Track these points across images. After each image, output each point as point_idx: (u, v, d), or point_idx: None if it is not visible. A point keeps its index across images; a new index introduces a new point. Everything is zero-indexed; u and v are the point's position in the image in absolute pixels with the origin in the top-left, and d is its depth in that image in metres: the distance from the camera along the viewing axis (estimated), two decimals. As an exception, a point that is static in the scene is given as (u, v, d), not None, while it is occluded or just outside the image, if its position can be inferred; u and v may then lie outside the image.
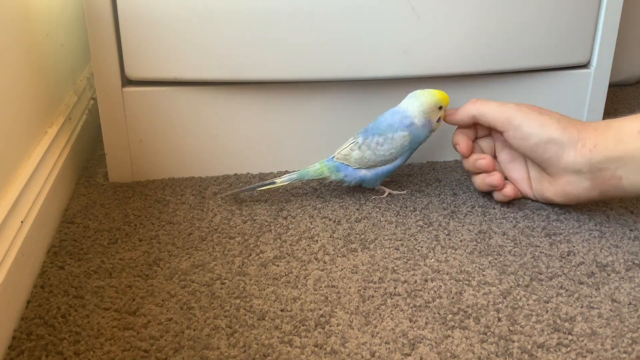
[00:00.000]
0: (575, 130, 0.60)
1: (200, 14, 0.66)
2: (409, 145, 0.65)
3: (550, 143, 0.60)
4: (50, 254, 0.58)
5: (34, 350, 0.46)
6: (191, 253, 0.58)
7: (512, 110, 0.62)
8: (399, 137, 0.64)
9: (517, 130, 0.62)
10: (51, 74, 0.71)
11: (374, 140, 0.65)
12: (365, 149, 0.65)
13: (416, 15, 0.68)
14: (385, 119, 0.65)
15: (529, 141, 0.61)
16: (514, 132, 0.62)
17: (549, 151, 0.61)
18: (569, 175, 0.61)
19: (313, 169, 0.67)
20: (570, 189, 0.62)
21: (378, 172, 0.66)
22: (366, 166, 0.65)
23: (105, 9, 0.65)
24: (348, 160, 0.66)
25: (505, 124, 0.62)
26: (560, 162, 0.60)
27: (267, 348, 0.47)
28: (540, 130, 0.61)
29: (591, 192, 0.60)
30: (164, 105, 0.70)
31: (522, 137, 0.62)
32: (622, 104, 0.97)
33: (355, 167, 0.66)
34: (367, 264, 0.57)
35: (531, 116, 0.61)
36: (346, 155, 0.66)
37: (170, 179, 0.72)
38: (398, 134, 0.64)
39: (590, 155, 0.58)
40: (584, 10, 0.73)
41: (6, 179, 0.54)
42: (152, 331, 0.48)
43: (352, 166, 0.66)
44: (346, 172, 0.66)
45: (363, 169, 0.66)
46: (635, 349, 0.47)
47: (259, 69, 0.68)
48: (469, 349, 0.47)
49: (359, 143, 0.65)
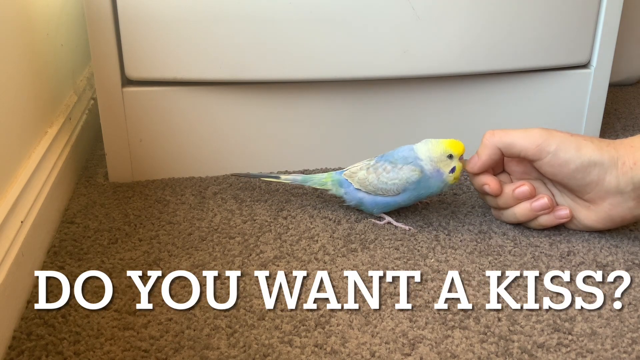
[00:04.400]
0: (612, 149, 0.57)
1: (200, 14, 0.66)
2: (414, 185, 0.61)
3: (592, 166, 0.56)
4: (50, 254, 0.58)
5: (34, 350, 0.46)
6: (191, 253, 0.58)
7: (543, 136, 0.58)
8: (407, 170, 0.61)
9: (554, 156, 0.57)
10: (51, 74, 0.71)
11: (383, 165, 0.62)
12: (371, 172, 0.62)
13: (416, 15, 0.68)
14: (402, 151, 0.63)
15: (567, 167, 0.57)
16: (550, 159, 0.57)
17: (590, 175, 0.57)
18: (612, 197, 0.57)
19: (318, 177, 0.65)
20: (616, 211, 0.58)
21: (377, 200, 0.63)
22: (366, 190, 0.63)
23: (105, 9, 0.65)
24: (352, 178, 0.63)
25: (538, 151, 0.58)
26: (603, 184, 0.57)
27: (267, 348, 0.47)
28: (578, 154, 0.56)
29: (635, 210, 0.57)
30: (164, 105, 0.70)
31: (560, 164, 0.57)
32: (622, 104, 0.97)
33: (356, 187, 0.63)
34: (367, 264, 0.57)
35: (566, 140, 0.57)
36: (353, 172, 0.64)
37: (170, 179, 0.72)
38: (408, 166, 0.61)
39: (632, 173, 0.55)
40: (584, 10, 0.73)
41: (6, 179, 0.54)
42: (152, 331, 0.48)
43: (354, 185, 0.63)
44: (347, 189, 0.64)
45: (363, 193, 0.63)
46: (635, 349, 0.47)
47: (259, 69, 0.68)
48: (469, 349, 0.47)
49: (369, 165, 0.63)
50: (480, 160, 0.61)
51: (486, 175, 0.62)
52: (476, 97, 0.75)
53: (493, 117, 0.77)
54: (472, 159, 0.62)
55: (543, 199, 0.60)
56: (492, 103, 0.76)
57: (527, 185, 0.60)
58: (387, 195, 0.62)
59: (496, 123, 0.77)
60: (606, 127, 0.86)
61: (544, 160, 0.58)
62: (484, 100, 0.76)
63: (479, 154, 0.61)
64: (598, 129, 0.80)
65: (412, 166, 0.61)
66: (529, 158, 0.59)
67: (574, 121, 0.79)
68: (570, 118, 0.79)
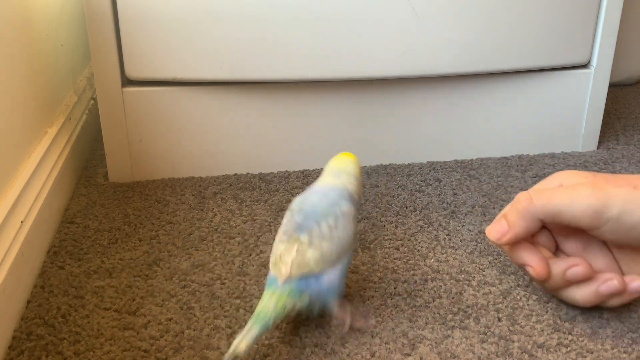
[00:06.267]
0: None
1: (200, 14, 0.66)
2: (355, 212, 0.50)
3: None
4: (50, 254, 0.58)
5: (34, 350, 0.46)
6: (191, 253, 0.58)
7: (599, 198, 0.44)
8: (348, 210, 0.48)
9: (617, 222, 0.44)
10: (51, 74, 0.71)
11: (322, 226, 0.47)
12: (318, 242, 0.46)
13: (416, 16, 0.68)
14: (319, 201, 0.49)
15: (637, 232, 0.44)
16: (613, 226, 0.45)
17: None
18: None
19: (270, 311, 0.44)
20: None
21: (343, 268, 0.48)
22: (331, 263, 0.46)
23: (105, 9, 0.65)
24: (304, 269, 0.45)
25: (596, 219, 0.44)
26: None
27: (267, 348, 0.47)
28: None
29: None
30: (164, 105, 0.70)
31: (626, 230, 0.44)
32: (622, 104, 0.97)
33: (317, 273, 0.46)
34: (367, 264, 0.57)
35: (629, 198, 0.44)
36: (299, 264, 0.45)
37: (170, 179, 0.72)
38: (345, 207, 0.48)
39: None
40: (584, 10, 0.73)
41: (6, 179, 0.55)
42: (152, 331, 0.48)
43: (314, 272, 0.46)
44: (310, 288, 0.46)
45: (328, 273, 0.46)
46: (635, 349, 0.47)
47: (259, 69, 0.68)
48: (469, 349, 0.47)
49: (304, 242, 0.46)
50: (513, 232, 0.47)
51: (526, 251, 0.48)
52: (476, 97, 0.75)
53: (493, 117, 0.77)
54: (498, 224, 0.48)
55: (612, 281, 0.46)
56: (492, 103, 0.76)
57: (582, 264, 0.46)
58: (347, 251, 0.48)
59: (496, 123, 0.77)
60: (606, 127, 0.86)
61: (603, 229, 0.45)
62: (484, 100, 0.76)
63: (511, 223, 0.47)
64: (598, 129, 0.80)
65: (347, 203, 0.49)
66: (583, 228, 0.46)
67: (574, 121, 0.79)
68: (570, 118, 0.79)
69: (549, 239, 0.50)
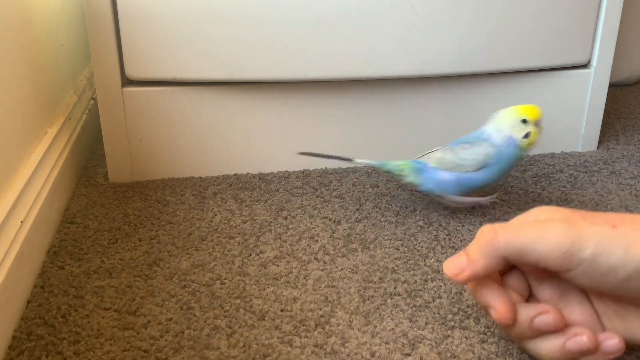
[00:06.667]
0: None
1: (200, 14, 0.66)
2: (493, 161, 0.61)
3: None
4: (50, 254, 0.58)
5: (34, 350, 0.46)
6: (191, 253, 0.58)
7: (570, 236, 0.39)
8: (485, 146, 0.61)
9: (591, 265, 0.39)
10: (51, 74, 0.71)
11: (459, 145, 0.63)
12: (448, 152, 0.62)
13: (416, 15, 0.68)
14: (473, 134, 0.63)
15: (614, 276, 0.39)
16: (586, 269, 0.39)
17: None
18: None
19: (395, 163, 0.64)
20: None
21: (460, 180, 0.62)
22: (446, 167, 0.62)
23: (105, 9, 0.65)
24: (429, 158, 0.63)
25: (566, 260, 0.39)
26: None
27: (267, 348, 0.47)
28: (628, 256, 0.38)
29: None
30: (164, 105, 0.70)
31: (601, 274, 0.39)
32: (622, 104, 0.97)
33: (433, 166, 0.62)
34: (367, 264, 0.57)
35: (605, 237, 0.39)
36: (429, 154, 0.64)
37: (170, 179, 0.72)
38: (484, 143, 0.61)
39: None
40: (584, 10, 0.73)
41: (6, 179, 0.55)
42: (152, 331, 0.48)
43: (431, 165, 0.63)
44: (426, 173, 0.63)
45: (443, 172, 0.62)
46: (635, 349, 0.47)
47: (259, 69, 0.68)
48: (469, 349, 0.47)
49: (444, 148, 0.63)
50: (471, 269, 0.42)
51: (490, 291, 0.43)
52: (476, 97, 0.75)
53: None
54: (457, 259, 0.44)
55: (580, 336, 0.41)
56: (492, 103, 0.76)
57: (553, 313, 0.41)
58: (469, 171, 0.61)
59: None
60: (606, 127, 0.86)
61: (576, 271, 0.40)
62: (484, 100, 0.76)
63: (471, 259, 0.43)
64: (598, 129, 0.80)
65: (487, 143, 0.61)
66: (553, 270, 0.41)
67: (574, 121, 0.79)
68: (570, 118, 0.79)
69: (522, 282, 0.45)
